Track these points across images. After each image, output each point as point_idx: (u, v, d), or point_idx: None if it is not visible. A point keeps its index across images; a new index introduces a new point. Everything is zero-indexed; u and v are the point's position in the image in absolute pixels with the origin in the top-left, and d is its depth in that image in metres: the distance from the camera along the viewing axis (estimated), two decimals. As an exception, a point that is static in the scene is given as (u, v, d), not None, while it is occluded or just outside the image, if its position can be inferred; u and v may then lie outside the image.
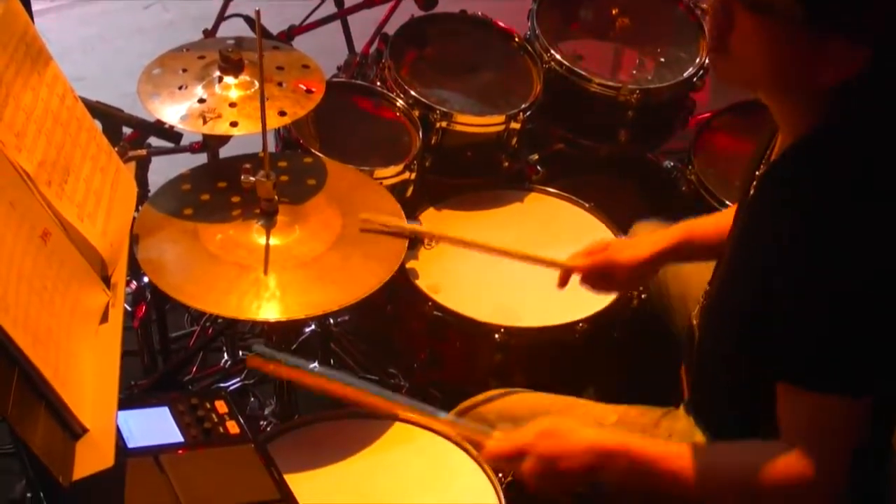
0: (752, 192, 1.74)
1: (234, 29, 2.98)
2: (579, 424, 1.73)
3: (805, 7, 1.43)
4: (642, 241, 2.12)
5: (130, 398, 2.21)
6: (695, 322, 1.93)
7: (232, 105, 2.13)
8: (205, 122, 2.10)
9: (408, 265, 2.51)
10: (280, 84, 2.20)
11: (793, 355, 1.55)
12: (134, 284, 2.56)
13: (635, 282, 2.24)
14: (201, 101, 2.14)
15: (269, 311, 1.92)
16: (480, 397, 2.14)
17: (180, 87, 2.17)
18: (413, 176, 2.61)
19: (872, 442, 1.60)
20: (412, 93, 2.75)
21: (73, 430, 1.44)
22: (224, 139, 2.52)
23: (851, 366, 1.52)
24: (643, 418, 1.97)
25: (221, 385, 2.86)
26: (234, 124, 2.09)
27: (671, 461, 1.64)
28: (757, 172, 1.75)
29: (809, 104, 1.57)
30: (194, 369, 2.88)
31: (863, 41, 1.45)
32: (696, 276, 2.21)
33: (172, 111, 2.13)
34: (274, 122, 2.13)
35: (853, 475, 1.55)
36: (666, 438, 1.92)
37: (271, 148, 2.08)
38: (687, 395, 1.98)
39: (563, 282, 2.20)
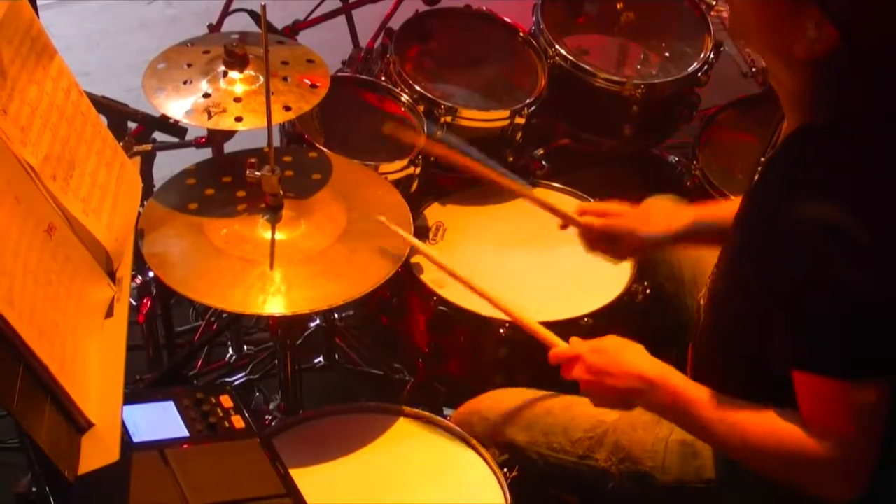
0: (754, 182, 1.75)
1: (238, 24, 2.98)
2: (635, 349, 1.80)
3: None
4: (659, 219, 2.14)
5: (136, 393, 2.21)
6: (701, 302, 1.94)
7: (237, 100, 2.13)
8: (210, 116, 2.09)
9: (413, 259, 2.51)
10: (285, 79, 2.20)
11: (798, 344, 1.56)
12: (139, 279, 2.56)
13: (636, 255, 2.28)
14: (206, 95, 2.13)
15: (275, 305, 1.92)
16: (483, 397, 2.14)
17: (185, 82, 2.16)
18: (418, 171, 2.61)
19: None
20: (417, 87, 2.75)
21: (78, 425, 1.44)
22: (229, 134, 2.51)
23: (858, 349, 1.53)
24: (645, 415, 1.97)
25: (226, 380, 2.86)
26: (238, 119, 2.09)
27: (704, 408, 1.70)
28: (763, 158, 1.76)
29: (802, 84, 1.60)
30: (199, 364, 2.88)
31: (831, 17, 1.48)
32: (710, 259, 2.20)
33: (177, 106, 2.12)
34: (279, 116, 2.13)
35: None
36: (667, 433, 1.93)
37: (276, 143, 2.08)
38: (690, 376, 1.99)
39: (564, 227, 2.25)
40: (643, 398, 1.75)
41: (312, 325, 2.90)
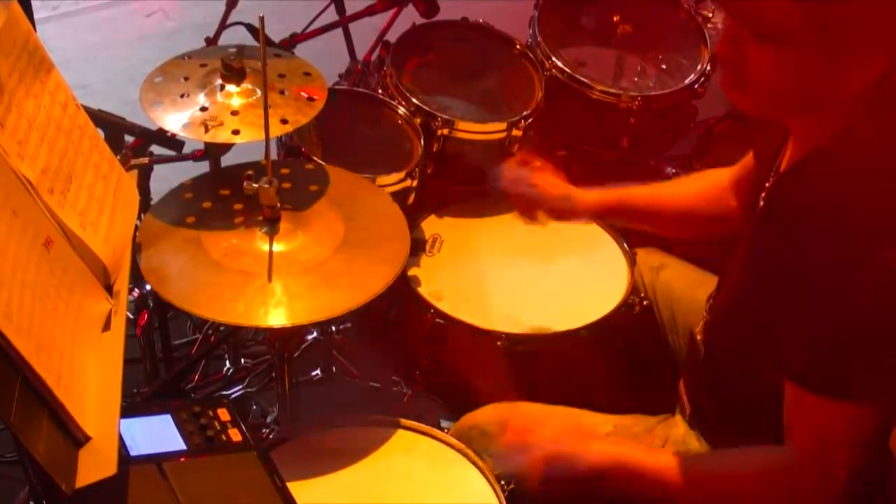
0: (760, 203, 1.73)
1: (236, 37, 2.99)
2: (578, 442, 1.76)
3: (818, 30, 1.43)
4: (577, 200, 2.24)
5: (133, 406, 2.21)
6: (699, 337, 1.93)
7: (234, 113, 2.13)
8: (207, 130, 2.09)
9: (410, 272, 2.51)
10: (282, 92, 2.20)
11: (803, 360, 1.55)
12: (136, 292, 2.56)
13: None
14: (203, 109, 2.13)
15: (277, 317, 1.92)
16: (481, 410, 2.14)
17: (182, 96, 2.16)
18: (415, 183, 2.61)
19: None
20: (414, 100, 2.76)
21: (76, 438, 1.44)
22: (226, 147, 2.52)
23: (860, 373, 1.52)
24: (637, 427, 1.97)
25: (224, 393, 2.86)
26: (236, 132, 2.09)
27: (668, 474, 1.69)
28: (767, 185, 1.74)
29: (832, 116, 1.55)
30: (196, 377, 2.88)
31: (881, 44, 1.46)
32: (687, 301, 2.22)
33: (174, 119, 2.12)
34: (276, 129, 2.13)
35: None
36: (660, 445, 1.93)
37: (273, 155, 2.08)
38: (689, 410, 1.98)
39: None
40: (605, 483, 1.72)
41: (310, 337, 2.90)
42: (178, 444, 1.75)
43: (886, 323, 1.49)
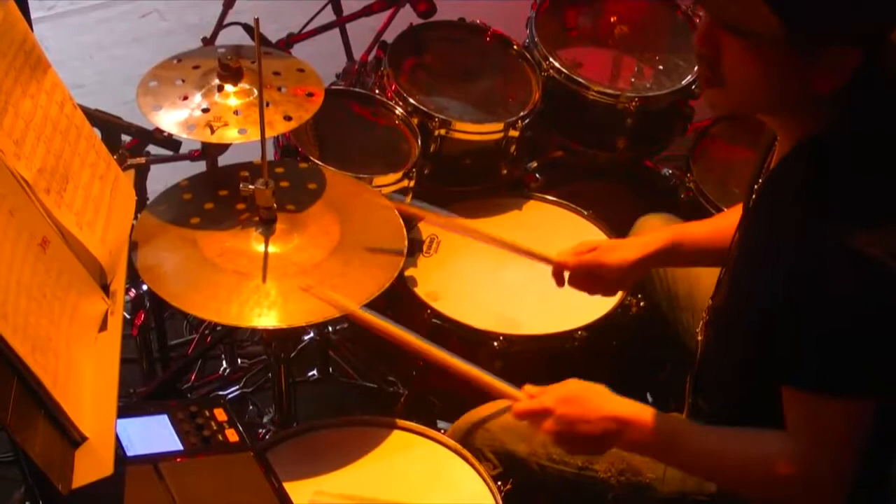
0: (751, 203, 1.73)
1: (232, 37, 2.99)
2: (601, 391, 1.76)
3: (785, 28, 1.44)
4: (631, 243, 2.13)
5: (129, 406, 2.21)
6: (699, 338, 1.93)
7: (236, 112, 2.13)
8: (213, 131, 2.09)
9: (406, 273, 2.51)
10: (280, 89, 2.21)
11: (795, 359, 1.56)
12: (133, 292, 2.55)
13: (621, 284, 2.21)
14: (205, 110, 2.13)
15: (271, 318, 1.92)
16: (482, 408, 2.13)
17: (184, 98, 2.16)
18: (411, 184, 2.61)
19: (878, 443, 1.61)
20: (411, 100, 2.75)
21: (72, 439, 1.44)
22: (223, 147, 2.52)
23: (855, 369, 1.52)
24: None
25: (220, 393, 2.86)
26: (243, 131, 2.09)
27: (681, 440, 1.70)
28: (756, 186, 1.75)
29: (809, 112, 1.57)
30: (193, 377, 2.88)
31: (851, 44, 1.47)
32: (706, 275, 2.20)
33: (179, 122, 2.12)
34: (280, 126, 2.13)
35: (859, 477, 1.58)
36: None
37: (270, 156, 2.07)
38: (685, 408, 1.99)
39: (559, 280, 2.19)
40: (620, 439, 1.73)
41: (306, 337, 2.90)
42: (175, 444, 1.75)
43: (873, 314, 1.49)
